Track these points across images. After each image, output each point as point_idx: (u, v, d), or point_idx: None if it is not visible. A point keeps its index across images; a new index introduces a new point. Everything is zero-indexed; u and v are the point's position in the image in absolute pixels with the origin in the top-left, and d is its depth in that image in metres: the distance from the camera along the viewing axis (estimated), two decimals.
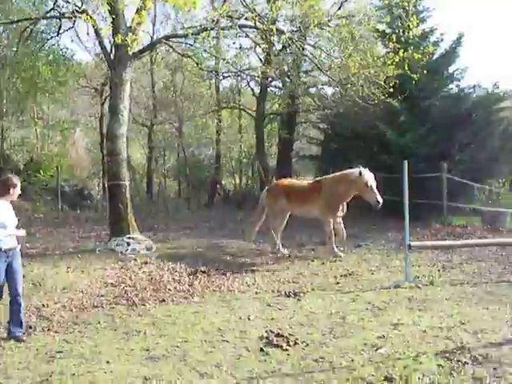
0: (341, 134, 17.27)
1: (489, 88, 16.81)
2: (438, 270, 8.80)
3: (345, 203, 10.35)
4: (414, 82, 13.29)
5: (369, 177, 9.76)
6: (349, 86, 13.25)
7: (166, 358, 5.10)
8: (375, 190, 9.71)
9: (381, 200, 9.67)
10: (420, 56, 12.50)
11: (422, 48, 14.11)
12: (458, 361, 4.61)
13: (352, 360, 4.86)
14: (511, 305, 6.45)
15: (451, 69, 16.68)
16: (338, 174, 10.42)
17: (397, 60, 12.53)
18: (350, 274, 8.73)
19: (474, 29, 49.78)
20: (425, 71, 13.55)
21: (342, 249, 10.54)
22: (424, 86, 15.23)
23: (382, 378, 4.38)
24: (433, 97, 15.67)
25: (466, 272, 8.58)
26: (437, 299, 6.89)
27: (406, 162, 8.16)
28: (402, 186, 8.16)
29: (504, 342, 5.05)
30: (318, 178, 11.29)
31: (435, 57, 16.00)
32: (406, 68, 12.71)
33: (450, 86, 16.73)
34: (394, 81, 13.20)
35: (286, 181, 11.47)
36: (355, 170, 9.95)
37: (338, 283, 8.17)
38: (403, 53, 12.50)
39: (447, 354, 4.79)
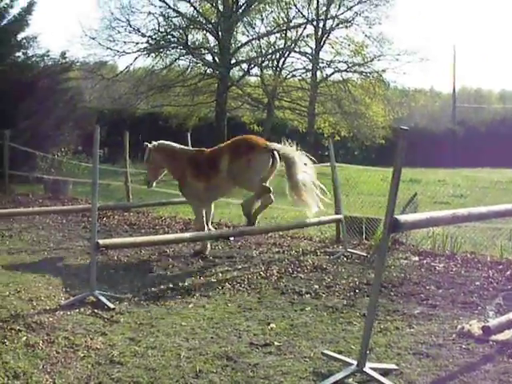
0: None
1: (57, 57, 17.26)
2: None
3: None
4: None
5: None
6: None
7: None
8: None
9: None
10: None
11: None
12: (11, 329, 4.51)
13: None
14: (66, 273, 6.46)
15: (20, 36, 16.45)
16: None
17: None
18: None
19: None
20: None
21: None
22: None
23: None
24: None
25: (25, 240, 8.32)
26: None
27: None
28: None
29: (58, 307, 5.10)
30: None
31: (3, 23, 15.87)
32: None
33: (17, 53, 16.44)
34: None
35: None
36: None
37: None
38: None
39: (0, 323, 4.65)
